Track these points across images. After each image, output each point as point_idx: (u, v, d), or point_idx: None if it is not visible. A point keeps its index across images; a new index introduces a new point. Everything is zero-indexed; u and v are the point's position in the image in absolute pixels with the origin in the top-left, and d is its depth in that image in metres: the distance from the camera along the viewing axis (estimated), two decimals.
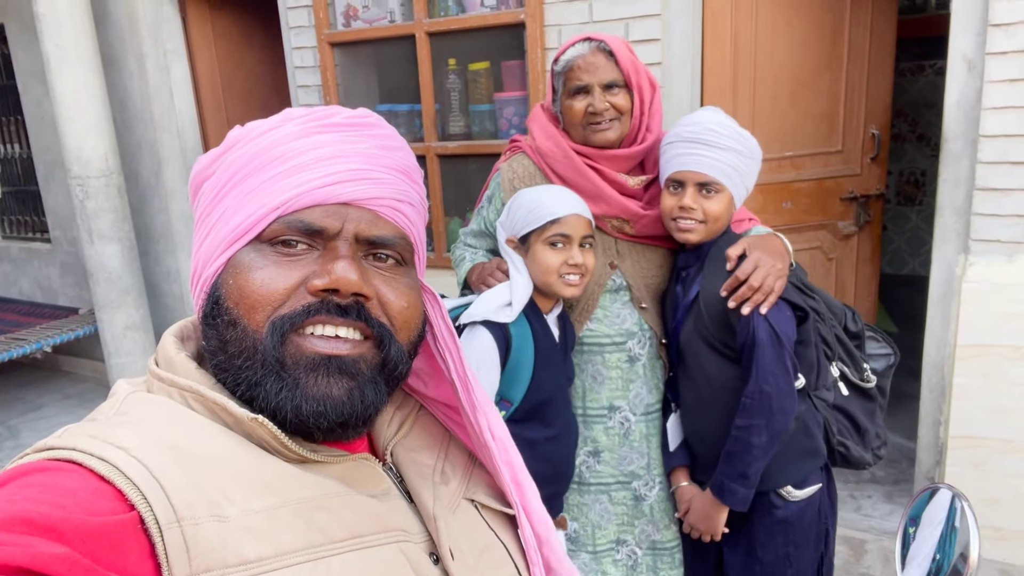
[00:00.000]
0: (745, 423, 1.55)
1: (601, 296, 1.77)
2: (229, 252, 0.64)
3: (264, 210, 0.63)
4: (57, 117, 3.78)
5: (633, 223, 1.72)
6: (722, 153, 1.54)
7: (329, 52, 3.37)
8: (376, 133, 0.68)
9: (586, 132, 1.69)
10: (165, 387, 0.63)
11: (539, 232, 1.56)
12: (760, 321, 1.51)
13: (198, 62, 4.23)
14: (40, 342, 4.28)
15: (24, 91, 4.71)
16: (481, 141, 3.20)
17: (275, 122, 0.66)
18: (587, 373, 1.80)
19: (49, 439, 0.56)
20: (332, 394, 0.62)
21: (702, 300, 1.60)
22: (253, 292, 0.62)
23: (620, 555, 1.85)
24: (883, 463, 3.11)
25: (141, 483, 0.52)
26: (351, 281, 0.62)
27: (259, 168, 0.64)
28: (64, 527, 0.47)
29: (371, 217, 0.65)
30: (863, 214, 3.10)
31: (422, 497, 0.69)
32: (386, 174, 0.66)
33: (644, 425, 1.80)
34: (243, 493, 0.56)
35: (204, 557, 0.52)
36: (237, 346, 0.62)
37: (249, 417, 0.60)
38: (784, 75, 2.90)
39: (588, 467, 1.82)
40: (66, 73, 3.67)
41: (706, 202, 1.57)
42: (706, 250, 1.63)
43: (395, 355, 0.66)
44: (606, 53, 1.65)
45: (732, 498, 1.59)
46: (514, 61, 3.09)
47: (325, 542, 0.57)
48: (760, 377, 1.52)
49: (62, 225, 4.85)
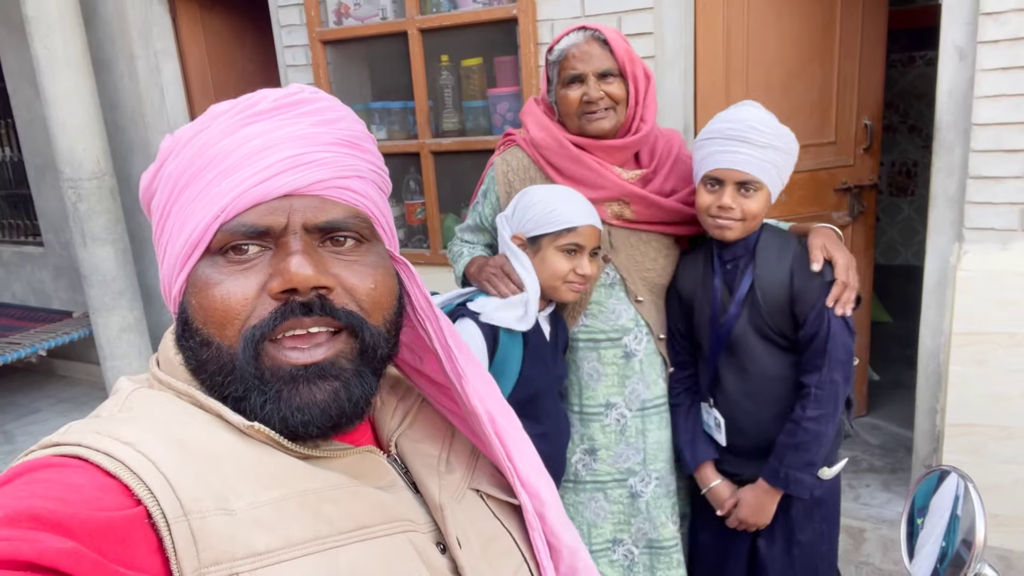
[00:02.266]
0: (817, 413, 1.57)
1: (595, 290, 1.75)
2: (186, 270, 0.62)
3: (205, 221, 0.60)
4: (48, 119, 3.76)
5: (634, 206, 1.71)
6: (763, 151, 1.53)
7: (321, 50, 3.36)
8: (310, 109, 0.64)
9: (581, 121, 1.68)
10: (163, 387, 0.63)
11: (553, 237, 1.56)
12: (835, 315, 1.54)
13: (189, 62, 4.21)
14: (34, 346, 4.26)
15: (14, 94, 4.68)
16: (475, 137, 3.20)
17: (202, 123, 0.63)
18: (583, 370, 1.78)
19: (54, 435, 0.56)
20: (316, 399, 0.61)
21: (759, 292, 1.61)
22: (216, 310, 0.60)
23: (616, 555, 1.83)
24: (880, 452, 3.13)
25: (147, 478, 0.52)
26: (307, 276, 0.60)
27: (194, 178, 0.61)
28: (71, 522, 0.47)
29: (317, 203, 0.62)
30: (857, 205, 3.11)
31: (428, 487, 0.69)
32: (326, 152, 0.63)
33: (640, 421, 1.79)
34: (250, 486, 0.56)
35: (212, 550, 0.51)
36: (215, 364, 0.61)
37: (245, 426, 0.60)
38: (776, 68, 2.91)
39: (584, 465, 1.81)
40: (56, 75, 3.65)
41: (745, 200, 1.56)
42: (753, 243, 1.64)
43: (371, 339, 0.64)
44: (600, 42, 1.65)
45: (799, 487, 1.61)
46: (507, 57, 3.08)
47: (332, 533, 0.57)
48: (832, 367, 1.55)
49: (55, 228, 4.82)
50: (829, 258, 1.56)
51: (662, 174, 1.74)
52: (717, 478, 1.77)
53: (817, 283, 1.56)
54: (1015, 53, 2.22)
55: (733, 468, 1.76)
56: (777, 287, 1.59)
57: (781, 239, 1.64)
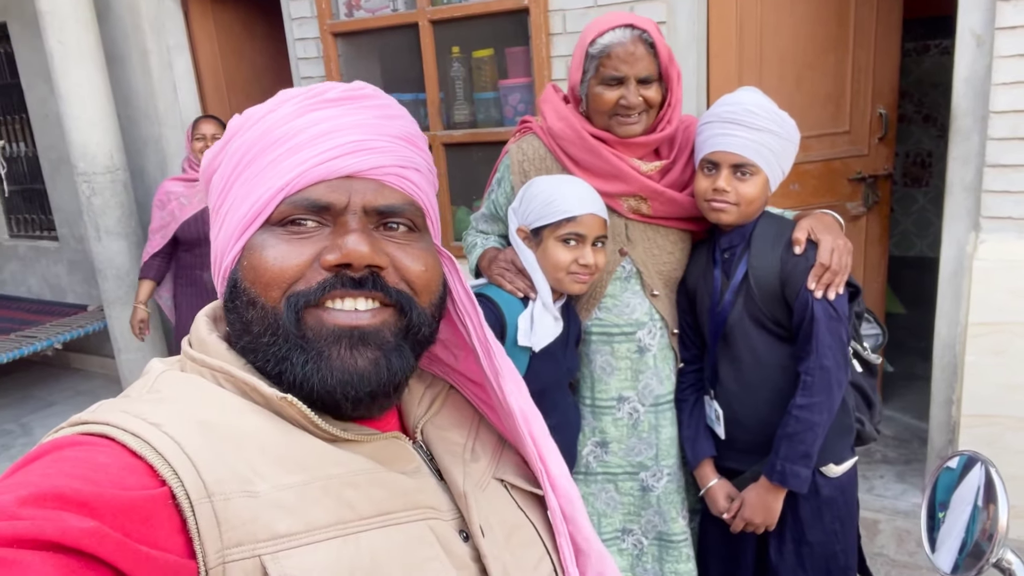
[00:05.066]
0: (807, 401, 1.53)
1: (610, 283, 1.73)
2: (244, 239, 0.64)
3: (270, 193, 0.63)
4: (62, 114, 3.78)
5: (651, 201, 1.68)
6: (759, 134, 1.52)
7: (332, 42, 3.36)
8: (374, 103, 0.67)
9: (611, 122, 1.64)
10: (197, 367, 0.64)
11: (553, 228, 1.53)
12: (820, 299, 1.52)
13: (200, 57, 4.23)
14: (50, 339, 4.30)
15: (28, 89, 4.71)
16: (486, 129, 3.19)
17: (272, 105, 0.66)
18: (596, 364, 1.77)
19: (83, 413, 0.57)
20: (358, 366, 0.62)
21: (752, 279, 1.59)
22: (267, 270, 0.62)
23: (626, 544, 1.83)
24: (895, 443, 3.12)
25: (172, 459, 0.52)
26: (362, 253, 0.62)
27: (261, 152, 0.64)
28: (95, 502, 0.47)
29: (376, 187, 0.65)
30: (871, 195, 3.09)
31: (452, 474, 0.69)
32: (387, 142, 0.66)
33: (653, 416, 1.77)
34: (273, 469, 0.56)
35: (235, 531, 0.52)
36: (260, 324, 0.63)
37: (279, 396, 0.60)
38: (789, 57, 2.89)
39: (596, 457, 1.80)
40: (70, 70, 3.67)
41: (740, 184, 1.54)
42: (749, 231, 1.62)
43: (417, 319, 0.66)
44: (647, 44, 1.58)
45: (796, 480, 1.56)
46: (518, 48, 3.07)
47: (354, 518, 0.58)
48: (820, 352, 1.52)
49: (69, 222, 4.86)
50: (815, 240, 1.54)
51: (680, 164, 1.71)
52: (715, 477, 1.74)
53: (802, 267, 1.54)
54: None
55: (734, 463, 1.73)
56: (769, 273, 1.57)
57: (778, 226, 1.62)
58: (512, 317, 1.53)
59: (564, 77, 2.93)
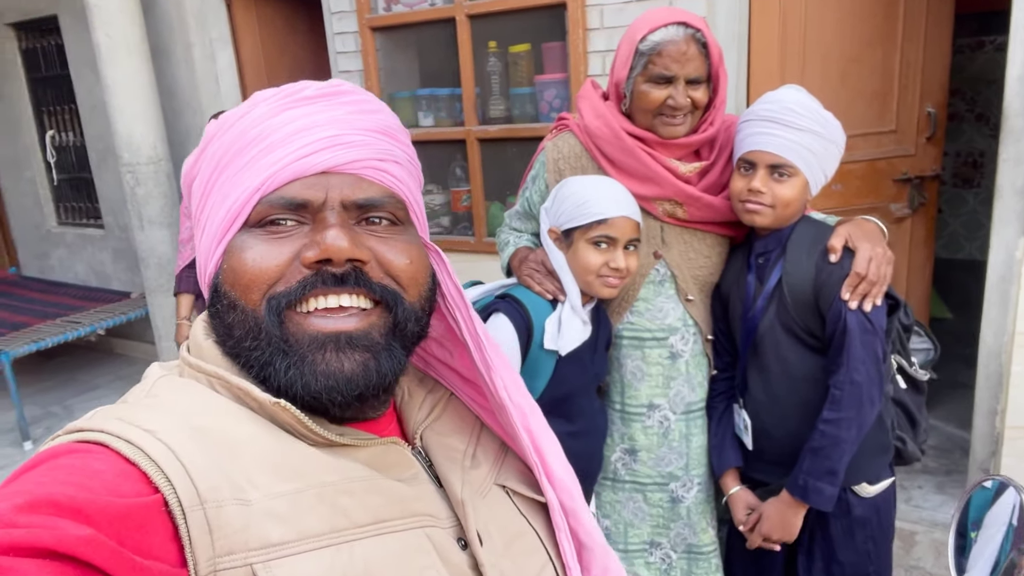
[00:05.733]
0: (834, 416, 1.47)
1: (643, 287, 1.69)
2: (224, 243, 0.64)
3: (246, 194, 0.62)
4: (108, 106, 3.87)
5: (687, 207, 1.64)
6: (799, 134, 1.45)
7: (370, 37, 3.37)
8: (350, 99, 0.66)
9: (655, 122, 1.60)
10: (194, 372, 0.64)
11: (584, 230, 1.50)
12: (854, 310, 1.45)
13: (243, 49, 4.28)
14: (94, 325, 4.41)
15: (77, 80, 4.83)
16: (522, 124, 3.17)
17: (247, 107, 0.65)
18: (626, 368, 1.73)
19: (80, 421, 0.57)
20: (344, 369, 0.61)
21: (786, 287, 1.53)
22: (246, 272, 0.62)
23: (654, 558, 1.79)
24: (935, 453, 3.02)
25: (165, 465, 0.52)
26: (342, 248, 0.61)
27: (236, 154, 0.64)
28: (90, 509, 0.47)
29: (354, 181, 0.64)
30: (917, 196, 2.99)
31: (450, 481, 0.68)
32: (363, 136, 0.65)
33: (684, 424, 1.73)
34: (267, 477, 0.56)
35: (227, 540, 0.52)
36: (241, 328, 0.62)
37: (272, 402, 0.60)
38: (834, 52, 2.80)
39: (624, 464, 1.77)
40: (116, 62, 3.75)
41: (777, 186, 1.48)
42: (786, 236, 1.55)
43: (404, 315, 0.65)
44: (699, 44, 1.53)
45: (818, 497, 1.50)
46: (555, 43, 3.05)
47: (349, 526, 0.57)
48: (852, 366, 1.45)
49: (114, 211, 4.98)
50: (852, 248, 1.47)
51: (720, 165, 1.66)
52: (736, 485, 1.69)
53: (836, 276, 1.47)
54: None
55: (760, 474, 1.67)
56: (803, 282, 1.50)
57: (816, 232, 1.55)
58: (539, 319, 1.51)
59: (600, 73, 2.89)
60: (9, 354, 3.89)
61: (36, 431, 4.06)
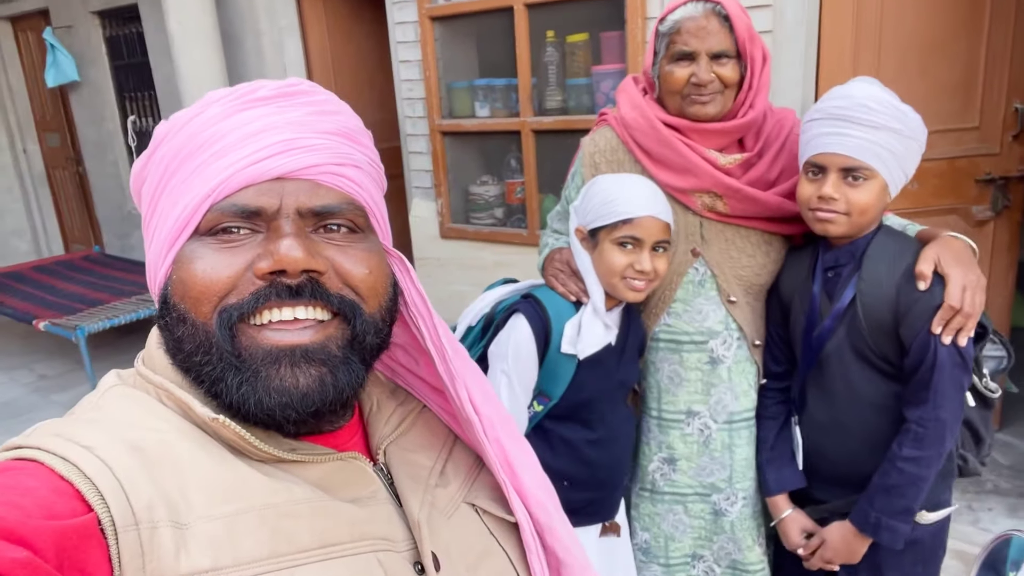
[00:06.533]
0: (916, 454, 1.36)
1: (681, 287, 1.60)
2: (174, 251, 0.61)
3: (196, 200, 0.59)
4: (181, 93, 4.00)
5: (727, 199, 1.54)
6: (876, 133, 1.30)
7: (430, 26, 3.36)
8: (308, 100, 0.63)
9: (683, 103, 1.52)
10: (144, 383, 0.62)
11: (609, 230, 1.43)
12: (940, 341, 1.33)
13: (310, 39, 4.35)
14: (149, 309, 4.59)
15: (156, 67, 5.02)
16: (577, 116, 3.10)
17: (198, 108, 0.62)
18: (663, 373, 1.65)
19: (19, 437, 0.56)
20: (299, 384, 0.58)
21: (860, 307, 1.40)
22: (196, 283, 0.59)
23: (696, 571, 1.71)
24: (1009, 473, 2.82)
25: (100, 483, 0.51)
26: (296, 258, 0.58)
27: (187, 158, 0.61)
28: (23, 530, 0.46)
29: (310, 187, 0.61)
30: (1001, 198, 2.78)
31: (409, 501, 0.65)
32: (321, 139, 0.62)
33: (727, 434, 1.63)
34: (205, 498, 0.54)
35: (158, 563, 0.50)
36: (191, 342, 0.59)
37: (210, 418, 0.58)
38: (914, 41, 2.62)
39: (663, 474, 1.69)
40: (189, 50, 3.87)
41: (852, 191, 1.33)
42: (861, 248, 1.41)
43: (363, 327, 0.62)
44: (721, 17, 1.46)
45: (892, 536, 1.40)
46: (613, 32, 2.96)
47: (291, 551, 0.55)
48: (938, 403, 1.34)
49: None
50: (942, 274, 1.33)
51: (767, 159, 1.56)
52: (789, 508, 1.58)
53: (924, 304, 1.33)
54: None
55: (818, 492, 1.57)
56: (882, 304, 1.36)
57: (898, 246, 1.40)
58: (559, 322, 1.46)
59: None
60: (85, 329, 4.08)
61: None
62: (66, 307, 4.48)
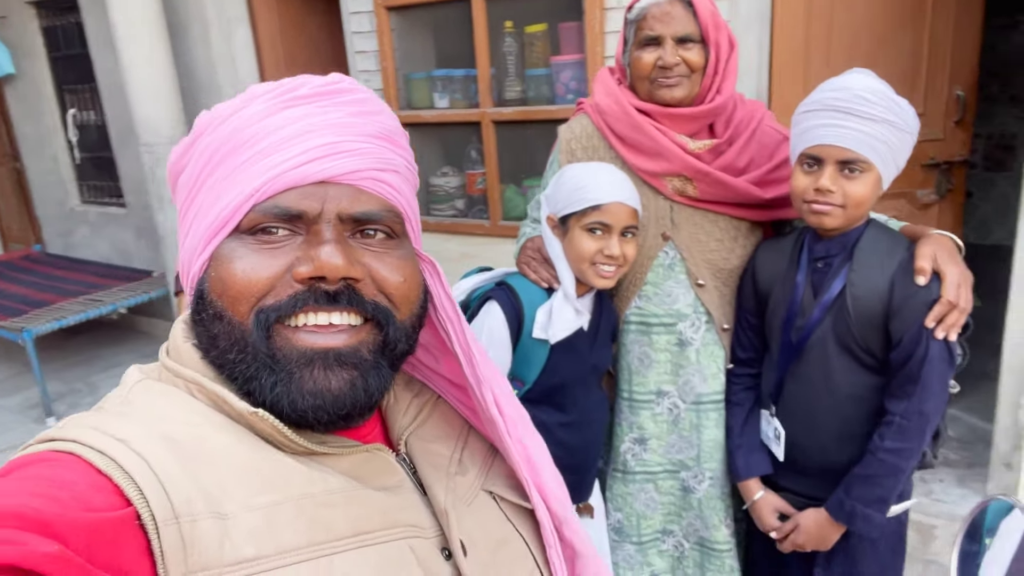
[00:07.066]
0: (897, 446, 1.39)
1: (651, 270, 1.65)
2: (211, 246, 0.61)
3: (239, 199, 0.59)
4: (125, 85, 3.88)
5: (697, 183, 1.59)
6: (873, 125, 1.31)
7: (385, 16, 3.33)
8: (350, 99, 0.63)
9: (652, 87, 1.57)
10: (171, 377, 0.62)
11: (579, 216, 1.47)
12: (933, 335, 1.36)
13: (260, 29, 4.26)
14: (116, 303, 4.46)
15: (96, 59, 4.85)
16: (537, 107, 3.13)
17: (241, 102, 0.62)
18: (633, 354, 1.70)
19: (52, 430, 0.56)
20: (331, 387, 0.59)
21: (850, 299, 1.41)
22: (235, 283, 0.59)
23: (666, 545, 1.77)
24: (957, 445, 2.96)
25: (139, 478, 0.51)
26: (337, 266, 0.58)
27: (229, 154, 0.61)
28: (58, 523, 0.46)
29: (352, 193, 0.61)
30: (945, 182, 2.91)
31: (434, 490, 0.67)
32: (364, 143, 0.62)
33: (695, 415, 1.68)
34: (243, 489, 0.54)
35: (201, 555, 0.50)
36: (227, 340, 0.60)
37: (249, 411, 0.58)
38: (863, 32, 2.72)
39: (634, 455, 1.74)
40: (133, 41, 3.75)
41: (848, 183, 1.34)
42: (853, 240, 1.42)
43: (395, 334, 0.63)
44: (684, 3, 1.52)
45: (867, 525, 1.43)
46: (572, 23, 2.99)
47: (329, 539, 0.56)
48: (923, 397, 1.37)
49: (136, 190, 5.01)
50: (938, 271, 1.36)
51: (737, 147, 1.60)
52: (760, 490, 1.61)
53: (920, 299, 1.36)
54: None
55: (788, 483, 1.60)
56: (873, 297, 1.39)
57: (889, 241, 1.42)
58: (532, 308, 1.49)
59: None
60: (32, 331, 3.95)
61: (59, 407, 4.13)
62: (10, 309, 4.32)
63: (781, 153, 1.61)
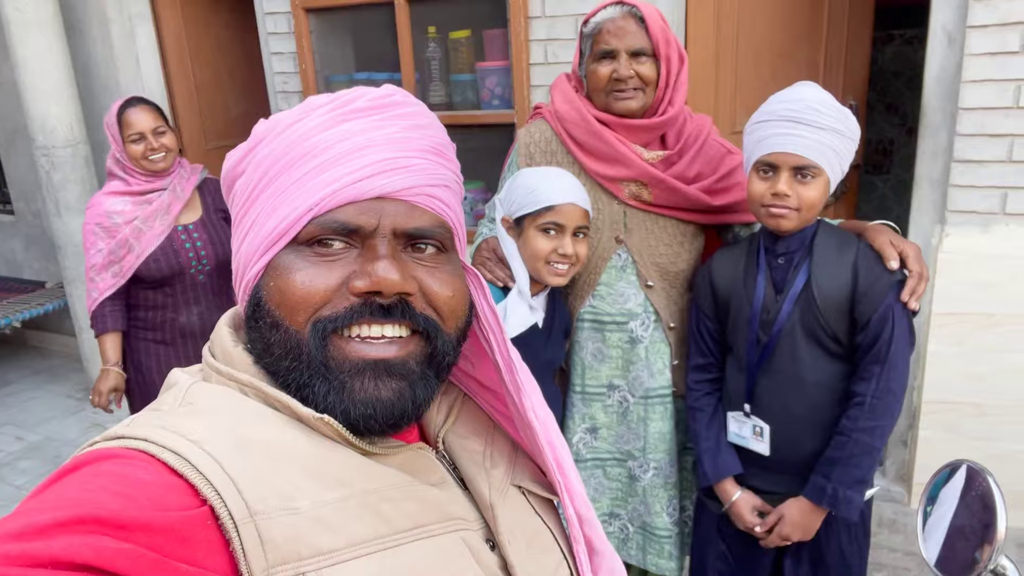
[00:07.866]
0: (871, 424, 1.46)
1: (605, 271, 1.73)
2: (268, 255, 0.63)
3: (297, 212, 0.61)
4: (19, 84, 3.64)
5: (652, 189, 1.68)
6: (823, 134, 1.41)
7: (304, 18, 3.28)
8: (404, 112, 0.65)
9: (608, 99, 1.66)
10: (223, 379, 0.63)
11: (533, 217, 1.54)
12: (900, 319, 1.45)
13: (164, 27, 4.10)
14: (8, 318, 4.17)
15: None
16: (463, 112, 3.16)
17: (299, 113, 0.64)
18: (587, 351, 1.78)
19: (119, 427, 0.56)
20: (381, 396, 0.62)
21: (815, 289, 1.49)
22: (294, 294, 0.61)
23: (612, 528, 1.86)
24: None
25: (213, 478, 0.52)
26: (393, 282, 0.61)
27: (288, 166, 0.62)
28: (132, 524, 0.47)
29: (407, 209, 0.63)
30: (840, 185, 3.13)
31: (476, 484, 0.70)
32: (419, 158, 0.64)
33: (643, 408, 1.78)
34: (312, 484, 0.56)
35: (279, 550, 0.52)
36: (282, 347, 0.62)
37: (315, 417, 0.60)
38: (765, 46, 2.91)
39: (585, 444, 1.82)
40: (27, 39, 3.53)
41: (802, 188, 1.43)
42: (809, 237, 1.51)
43: (443, 347, 0.66)
44: (637, 19, 1.61)
45: (847, 507, 1.48)
46: (496, 30, 3.04)
47: (391, 532, 0.58)
48: (891, 376, 1.45)
49: (26, 197, 4.70)
50: (901, 252, 1.48)
51: (687, 157, 1.71)
52: (737, 491, 1.64)
53: (884, 282, 1.45)
54: (1003, 38, 2.25)
55: (766, 484, 1.63)
56: (837, 285, 1.47)
57: (839, 236, 1.53)
58: None
59: (542, 61, 2.92)
60: None
61: None
62: None
63: (725, 165, 1.73)
